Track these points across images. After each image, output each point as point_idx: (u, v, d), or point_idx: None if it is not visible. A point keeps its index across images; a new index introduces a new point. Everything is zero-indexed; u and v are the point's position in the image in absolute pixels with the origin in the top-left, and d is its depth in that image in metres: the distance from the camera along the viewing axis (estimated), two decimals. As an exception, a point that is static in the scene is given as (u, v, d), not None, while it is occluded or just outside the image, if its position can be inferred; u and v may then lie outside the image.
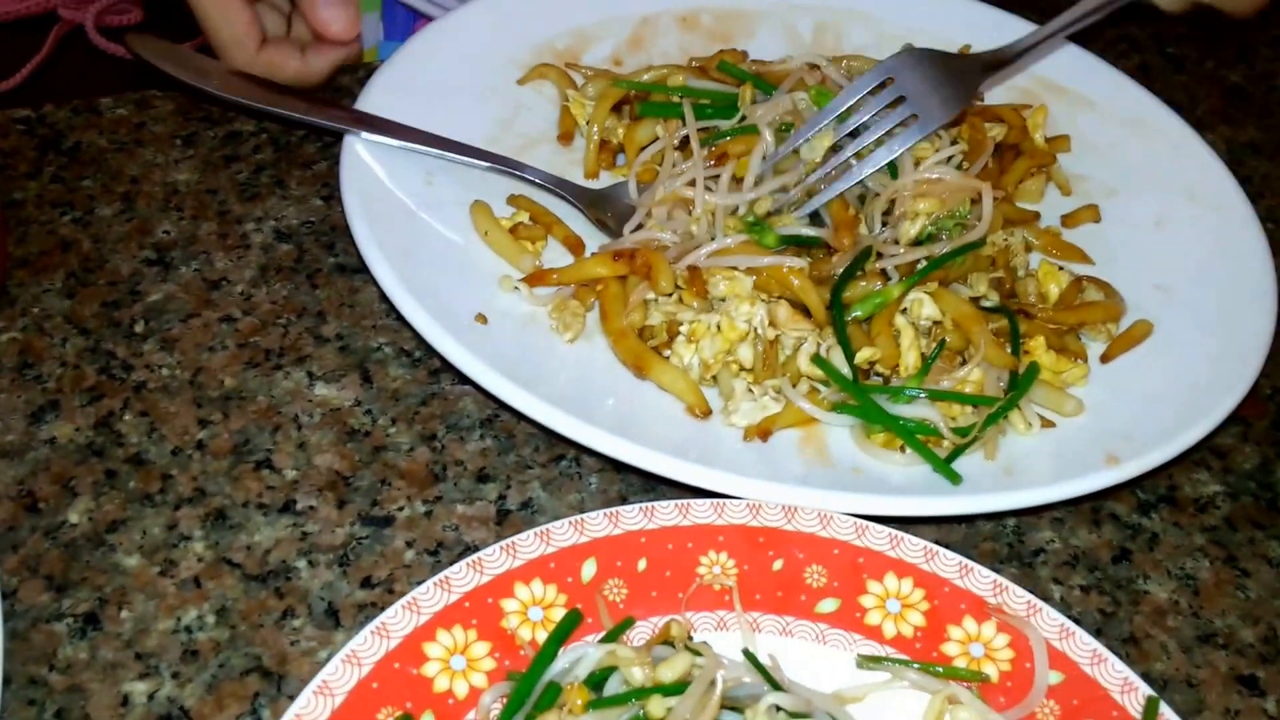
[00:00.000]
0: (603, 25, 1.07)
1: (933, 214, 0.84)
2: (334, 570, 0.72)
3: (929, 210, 0.84)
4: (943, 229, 0.84)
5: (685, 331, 0.80)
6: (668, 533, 0.68)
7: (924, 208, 0.84)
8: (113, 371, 0.81)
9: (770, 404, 0.78)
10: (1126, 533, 0.80)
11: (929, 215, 0.84)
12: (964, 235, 0.84)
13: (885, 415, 0.76)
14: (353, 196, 0.84)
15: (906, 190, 0.86)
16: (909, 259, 0.83)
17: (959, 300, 0.81)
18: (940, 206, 0.84)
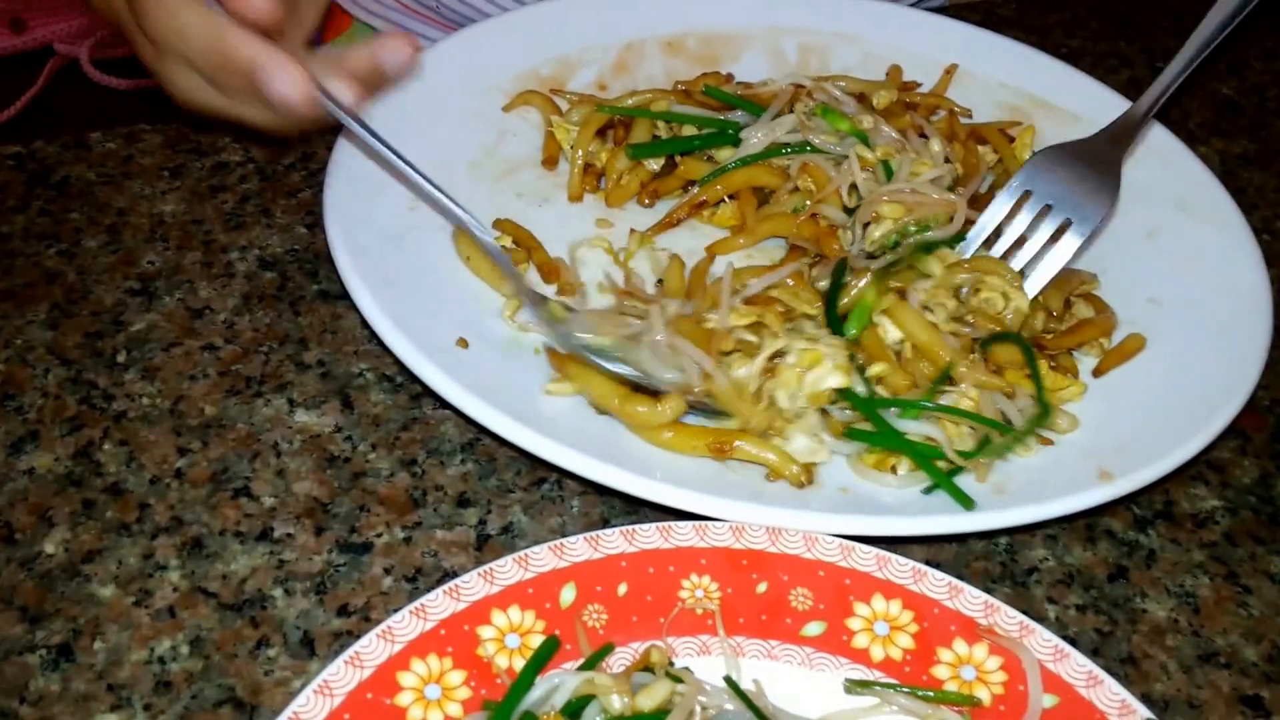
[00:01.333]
0: (587, 51, 1.07)
1: (899, 220, 0.83)
2: (310, 598, 0.70)
3: (894, 215, 0.83)
4: (908, 236, 0.84)
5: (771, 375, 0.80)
6: (649, 556, 0.67)
7: (888, 212, 0.83)
8: (93, 401, 0.80)
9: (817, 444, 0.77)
10: (1123, 550, 0.78)
11: (895, 220, 0.83)
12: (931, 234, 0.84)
13: (905, 443, 0.74)
14: (335, 224, 0.84)
15: (882, 198, 0.85)
16: (873, 265, 0.83)
17: (921, 324, 0.80)
18: (906, 214, 0.84)
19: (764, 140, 0.93)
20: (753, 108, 0.97)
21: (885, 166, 0.90)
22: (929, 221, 0.84)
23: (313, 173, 0.99)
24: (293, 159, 1.01)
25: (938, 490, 0.73)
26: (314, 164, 1.00)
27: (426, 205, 0.90)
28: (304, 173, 0.99)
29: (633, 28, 1.09)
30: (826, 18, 1.11)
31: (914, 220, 0.84)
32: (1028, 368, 0.79)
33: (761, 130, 0.94)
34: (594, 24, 1.09)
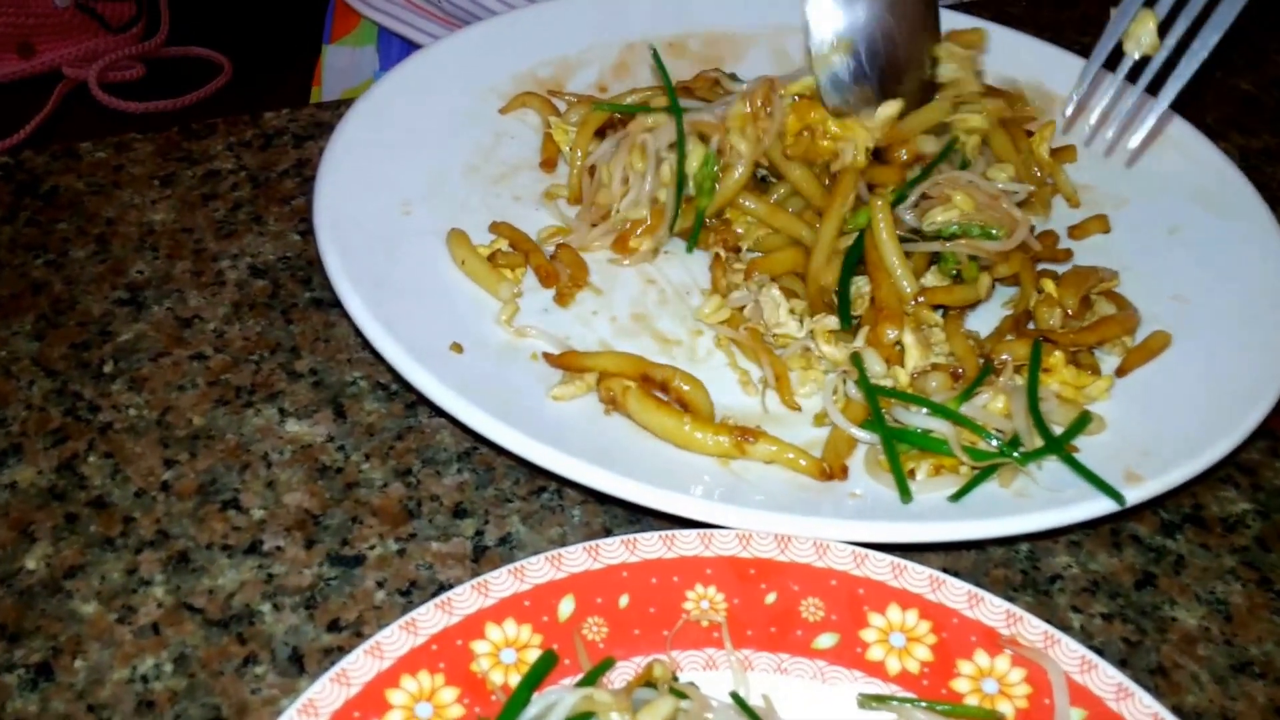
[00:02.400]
0: (587, 52, 1.05)
1: (967, 213, 0.80)
2: (300, 614, 0.67)
3: (966, 207, 0.80)
4: (969, 233, 0.80)
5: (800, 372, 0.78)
6: (651, 566, 0.63)
7: (961, 201, 0.80)
8: (78, 413, 0.78)
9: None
10: (1150, 555, 0.75)
11: (962, 211, 0.80)
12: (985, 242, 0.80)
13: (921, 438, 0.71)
14: (325, 228, 0.81)
15: (956, 183, 0.82)
16: (924, 248, 0.80)
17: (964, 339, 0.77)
18: (976, 211, 0.80)
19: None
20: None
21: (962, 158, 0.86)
22: (992, 226, 0.81)
23: (306, 179, 0.97)
24: (286, 165, 0.98)
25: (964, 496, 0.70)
26: (308, 170, 0.98)
27: (422, 208, 0.88)
28: (298, 179, 0.97)
29: (634, 28, 1.07)
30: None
31: (980, 220, 0.81)
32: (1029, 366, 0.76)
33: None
34: (594, 25, 1.07)
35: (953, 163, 0.84)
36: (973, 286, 0.79)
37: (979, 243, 0.79)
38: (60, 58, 2.47)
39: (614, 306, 0.84)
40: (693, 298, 0.85)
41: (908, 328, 0.76)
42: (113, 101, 2.37)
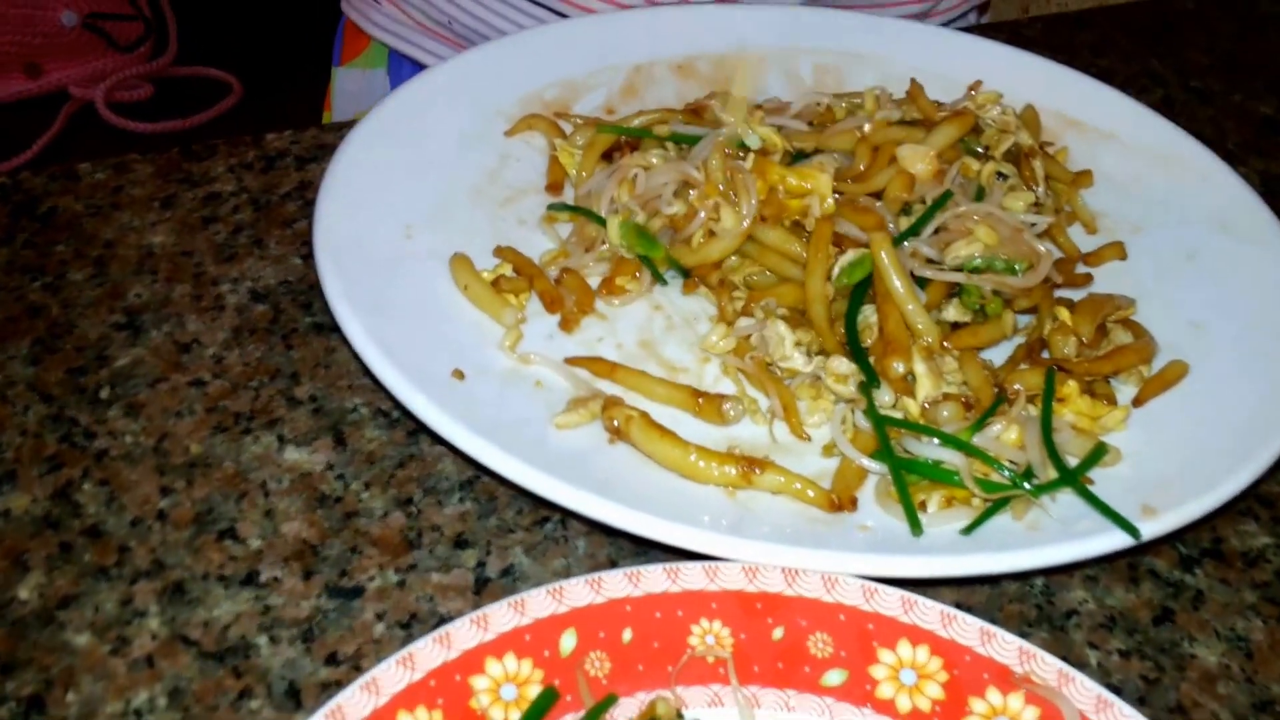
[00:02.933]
0: (594, 75, 1.04)
1: (991, 246, 0.78)
2: (297, 646, 0.66)
3: (990, 241, 0.78)
4: (993, 267, 0.79)
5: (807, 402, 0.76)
6: (655, 600, 0.62)
7: (984, 236, 0.78)
8: (74, 439, 0.76)
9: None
10: (1168, 590, 0.73)
11: (986, 245, 0.78)
12: (1010, 279, 0.78)
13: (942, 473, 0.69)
14: (325, 252, 0.80)
15: (977, 215, 0.80)
16: (946, 278, 0.78)
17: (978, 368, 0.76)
18: (999, 245, 0.79)
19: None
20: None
21: (979, 188, 0.84)
22: (1015, 261, 0.79)
23: (309, 202, 0.96)
24: (289, 188, 0.97)
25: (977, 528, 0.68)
26: (310, 193, 0.97)
27: (424, 231, 0.86)
28: (300, 202, 0.96)
29: (642, 50, 1.06)
30: (843, 37, 1.07)
31: (1004, 254, 0.79)
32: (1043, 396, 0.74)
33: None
34: (602, 47, 1.05)
35: (967, 192, 0.82)
36: (998, 324, 0.78)
37: (1004, 278, 0.78)
38: (67, 77, 2.48)
39: (620, 333, 0.83)
40: (700, 325, 0.84)
41: (919, 357, 0.74)
42: (120, 121, 2.38)
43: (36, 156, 2.34)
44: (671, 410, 0.76)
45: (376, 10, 1.30)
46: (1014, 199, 0.83)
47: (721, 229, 0.82)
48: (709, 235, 0.84)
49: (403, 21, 1.28)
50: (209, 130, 2.47)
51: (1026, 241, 0.79)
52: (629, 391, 0.77)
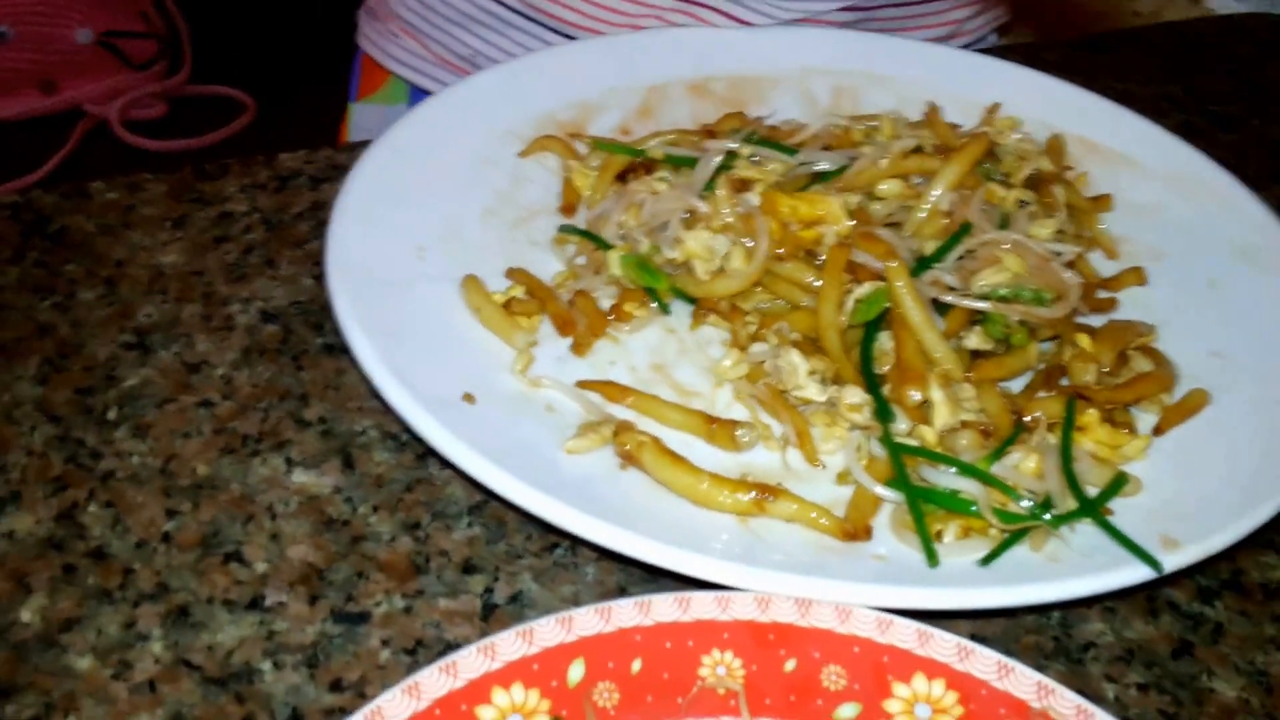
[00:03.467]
0: (609, 95, 1.03)
1: (1019, 275, 0.77)
2: (301, 672, 0.65)
3: (1017, 269, 0.77)
4: (1020, 297, 0.78)
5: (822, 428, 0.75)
6: (666, 629, 0.61)
7: (1012, 264, 0.77)
8: (80, 460, 0.76)
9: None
10: (1187, 623, 0.71)
11: (1014, 274, 0.77)
12: (1037, 309, 0.77)
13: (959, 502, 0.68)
14: (337, 272, 0.79)
15: (1005, 243, 0.79)
16: (970, 306, 0.77)
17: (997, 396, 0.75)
18: (1027, 275, 0.78)
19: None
20: (787, 149, 0.91)
21: (1003, 216, 0.83)
22: (1043, 291, 0.78)
23: (321, 222, 0.95)
24: (301, 208, 0.97)
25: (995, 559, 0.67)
26: (323, 213, 0.96)
27: (437, 252, 0.86)
28: (313, 222, 0.95)
29: (657, 71, 1.05)
30: (859, 58, 1.07)
31: (1031, 284, 0.78)
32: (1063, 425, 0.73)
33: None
34: (616, 67, 1.05)
35: (991, 219, 0.81)
36: (1023, 355, 0.77)
37: (1033, 309, 0.77)
38: (82, 95, 2.48)
39: (632, 357, 0.82)
40: (713, 349, 0.83)
41: (936, 384, 0.73)
42: (134, 139, 2.38)
43: (50, 174, 2.34)
44: (684, 435, 0.76)
45: (396, 45, 1.29)
46: (1039, 227, 0.82)
47: (731, 268, 0.81)
48: (718, 269, 0.83)
49: (424, 56, 1.28)
50: (223, 149, 2.47)
51: (1054, 271, 0.78)
52: (641, 416, 0.76)
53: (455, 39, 1.24)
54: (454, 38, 1.24)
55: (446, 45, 1.25)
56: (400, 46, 1.29)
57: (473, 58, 1.23)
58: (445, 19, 1.23)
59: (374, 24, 1.33)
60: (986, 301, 0.77)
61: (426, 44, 1.27)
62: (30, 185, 2.12)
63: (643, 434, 0.72)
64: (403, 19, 1.28)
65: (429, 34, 1.26)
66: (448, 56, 1.26)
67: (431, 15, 1.24)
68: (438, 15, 1.24)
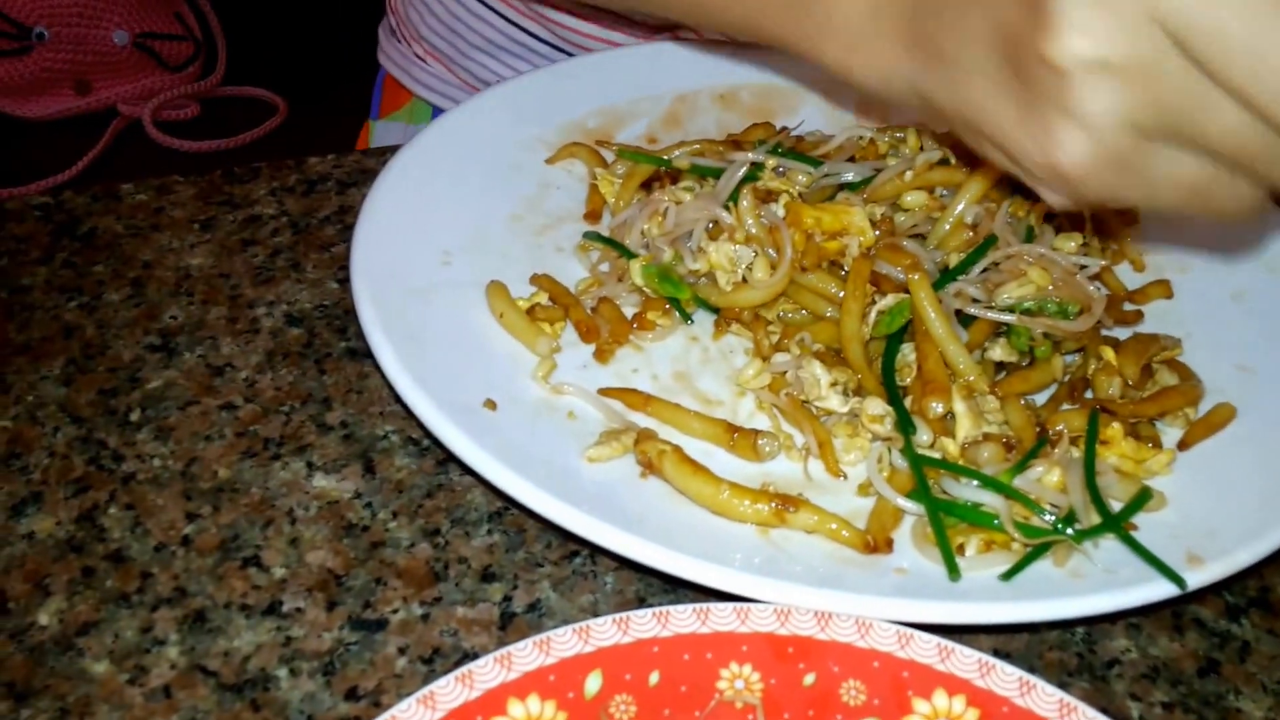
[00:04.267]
0: (636, 104, 1.03)
1: (1043, 288, 0.77)
2: (317, 680, 0.65)
3: (1043, 282, 0.76)
4: (1045, 310, 0.77)
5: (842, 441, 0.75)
6: (684, 641, 0.60)
7: (1037, 277, 0.77)
8: (102, 462, 0.76)
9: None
10: (1214, 641, 0.70)
11: (1039, 287, 0.76)
12: (1062, 323, 0.77)
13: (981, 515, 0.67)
14: (362, 277, 0.80)
15: (1030, 256, 0.78)
16: (995, 318, 0.76)
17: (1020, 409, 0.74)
18: (1052, 288, 0.77)
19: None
20: (812, 161, 0.91)
21: (1028, 228, 0.83)
22: (1068, 304, 0.77)
23: (348, 226, 0.95)
24: (328, 211, 0.97)
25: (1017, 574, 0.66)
26: (350, 218, 0.96)
27: (462, 258, 0.86)
28: (339, 226, 0.95)
29: (684, 80, 1.05)
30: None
31: (1056, 297, 0.77)
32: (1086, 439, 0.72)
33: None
34: (644, 76, 1.05)
35: (1016, 231, 0.80)
36: (1048, 368, 0.76)
37: (1057, 322, 0.76)
38: (116, 95, 2.50)
39: (655, 364, 0.82)
40: (736, 358, 0.83)
41: (959, 396, 0.72)
42: (166, 140, 2.40)
43: (82, 173, 2.36)
44: (705, 444, 0.75)
45: (421, 69, 1.28)
46: (1064, 240, 0.81)
47: (754, 279, 0.81)
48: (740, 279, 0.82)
49: (449, 81, 1.27)
50: (253, 150, 2.48)
51: (1079, 284, 0.77)
52: (663, 424, 0.76)
53: (482, 66, 1.23)
54: (481, 65, 1.23)
55: (473, 72, 1.24)
56: (426, 71, 1.28)
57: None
58: (472, 45, 1.22)
59: (396, 45, 1.32)
60: (1011, 314, 0.76)
61: (453, 69, 1.26)
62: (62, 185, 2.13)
63: (664, 443, 0.72)
64: (429, 42, 1.27)
65: (455, 60, 1.25)
66: (474, 83, 1.25)
67: (458, 41, 1.23)
68: (464, 42, 1.23)
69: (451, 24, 1.23)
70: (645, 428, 0.74)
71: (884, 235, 0.83)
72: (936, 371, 0.73)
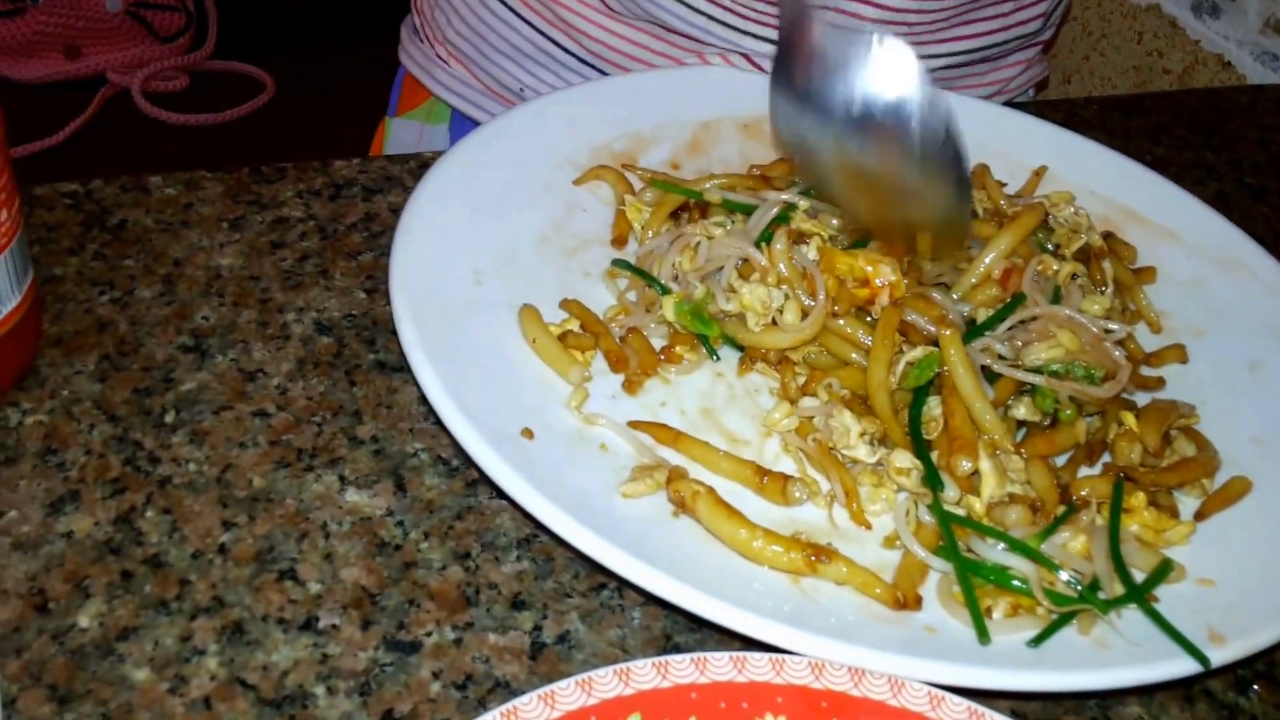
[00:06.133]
0: (661, 129, 1.04)
1: (1072, 353, 0.79)
2: (354, 699, 0.66)
3: (1072, 346, 0.79)
4: (1072, 373, 0.79)
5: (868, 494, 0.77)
6: (721, 688, 0.62)
7: (1067, 341, 0.79)
8: (138, 463, 0.77)
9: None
10: (1223, 713, 0.73)
11: (1067, 350, 0.79)
12: (1089, 388, 0.79)
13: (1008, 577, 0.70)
14: (400, 296, 0.80)
15: (1058, 320, 0.81)
16: (1023, 378, 0.78)
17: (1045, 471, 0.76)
18: (1080, 351, 0.79)
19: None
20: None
21: (1055, 288, 0.85)
22: (1094, 369, 0.80)
23: (374, 234, 0.96)
24: (355, 218, 0.97)
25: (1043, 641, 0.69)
26: (376, 225, 0.97)
27: (493, 278, 0.87)
28: (365, 234, 0.96)
29: (709, 107, 1.07)
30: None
31: (1084, 361, 0.80)
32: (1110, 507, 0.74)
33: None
34: (669, 101, 1.06)
35: (1044, 291, 0.83)
36: (1071, 431, 0.78)
37: (1084, 387, 0.78)
38: (106, 62, 2.48)
39: (683, 399, 0.83)
40: (762, 397, 0.84)
41: (984, 453, 0.74)
42: (154, 111, 2.38)
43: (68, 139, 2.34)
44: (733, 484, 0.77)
45: (443, 70, 1.29)
46: (1091, 302, 0.84)
47: (785, 322, 0.83)
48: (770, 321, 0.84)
49: (471, 84, 1.28)
50: (240, 126, 2.47)
51: (1106, 349, 0.79)
52: (691, 462, 0.77)
53: (506, 72, 1.24)
54: (505, 70, 1.24)
55: (496, 77, 1.25)
56: (447, 72, 1.29)
57: (522, 91, 1.24)
58: (497, 51, 1.23)
59: (419, 45, 1.32)
60: (1039, 375, 0.79)
61: (476, 73, 1.27)
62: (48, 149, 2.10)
63: (697, 483, 0.73)
64: (453, 44, 1.27)
65: (478, 63, 1.26)
66: (496, 88, 1.25)
67: (483, 45, 1.24)
68: (490, 46, 1.23)
69: (477, 28, 1.24)
70: (677, 465, 0.76)
71: (911, 283, 0.85)
72: (964, 428, 0.76)
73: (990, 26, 1.20)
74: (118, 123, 2.42)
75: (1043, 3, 1.21)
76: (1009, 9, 1.19)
